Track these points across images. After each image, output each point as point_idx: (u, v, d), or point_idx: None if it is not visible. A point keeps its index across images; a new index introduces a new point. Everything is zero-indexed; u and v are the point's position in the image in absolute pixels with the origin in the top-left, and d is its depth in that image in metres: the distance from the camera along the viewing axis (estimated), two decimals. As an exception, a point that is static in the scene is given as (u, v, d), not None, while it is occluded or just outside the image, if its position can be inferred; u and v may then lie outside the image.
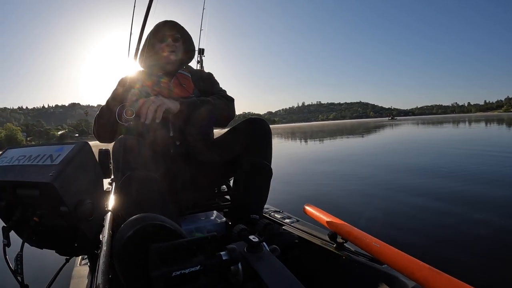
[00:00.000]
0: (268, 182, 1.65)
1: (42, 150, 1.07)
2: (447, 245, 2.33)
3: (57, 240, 1.11)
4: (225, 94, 1.83)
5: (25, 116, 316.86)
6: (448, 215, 3.01)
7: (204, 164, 1.73)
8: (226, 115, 1.76)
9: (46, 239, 1.11)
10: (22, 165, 1.02)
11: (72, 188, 0.99)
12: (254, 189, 1.60)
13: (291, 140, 20.34)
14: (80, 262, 1.47)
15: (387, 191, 4.17)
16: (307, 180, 5.51)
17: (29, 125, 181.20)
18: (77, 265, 1.45)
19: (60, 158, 1.01)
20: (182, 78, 1.82)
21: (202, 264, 0.76)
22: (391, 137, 17.38)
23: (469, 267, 2.00)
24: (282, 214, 1.87)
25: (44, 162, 1.01)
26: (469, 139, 12.47)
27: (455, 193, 3.82)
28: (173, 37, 1.83)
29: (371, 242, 1.13)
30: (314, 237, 1.48)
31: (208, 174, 1.76)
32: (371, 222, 2.96)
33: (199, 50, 3.86)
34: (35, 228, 1.00)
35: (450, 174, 4.98)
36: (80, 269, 1.41)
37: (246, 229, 0.94)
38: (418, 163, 6.44)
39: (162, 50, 1.81)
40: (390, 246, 1.07)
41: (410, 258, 0.97)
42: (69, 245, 1.13)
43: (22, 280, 0.98)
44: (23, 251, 0.99)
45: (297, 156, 9.98)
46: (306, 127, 79.56)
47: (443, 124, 32.83)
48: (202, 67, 3.80)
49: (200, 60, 3.83)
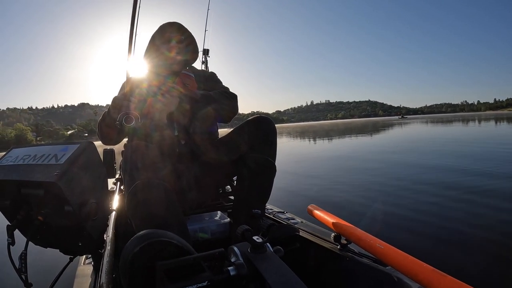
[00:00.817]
0: (271, 179, 1.64)
1: (47, 149, 1.07)
2: (458, 248, 2.32)
3: (61, 239, 1.12)
4: (227, 91, 1.85)
5: (34, 116, 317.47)
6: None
7: (209, 163, 1.73)
8: (229, 110, 1.78)
9: (50, 238, 1.11)
10: (27, 164, 1.03)
11: (77, 187, 1.00)
12: (257, 185, 1.60)
13: (306, 140, 19.97)
14: (84, 262, 1.47)
15: (402, 191, 4.16)
16: (322, 181, 5.47)
17: (38, 125, 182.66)
18: (81, 264, 1.46)
19: (64, 157, 1.01)
20: (186, 78, 1.83)
21: (209, 280, 0.76)
22: (406, 136, 17.02)
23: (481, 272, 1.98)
24: (286, 215, 1.87)
25: (48, 161, 1.01)
26: (485, 137, 12.47)
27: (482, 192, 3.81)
28: (178, 38, 1.85)
29: (375, 243, 1.12)
30: (318, 238, 1.47)
31: (213, 174, 1.76)
32: (382, 223, 2.95)
33: (203, 50, 3.88)
34: (39, 227, 1.00)
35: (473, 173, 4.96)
36: (84, 268, 1.42)
37: (250, 230, 0.94)
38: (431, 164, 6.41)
39: (168, 51, 1.82)
40: (394, 248, 1.07)
41: (415, 259, 0.97)
42: (73, 244, 1.13)
43: (26, 279, 0.99)
44: (27, 250, 1.00)
45: (317, 157, 9.81)
46: (317, 125, 78.81)
47: (453, 122, 32.38)
48: (207, 67, 3.81)
49: (205, 61, 3.84)
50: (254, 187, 1.59)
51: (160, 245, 0.78)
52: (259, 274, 0.79)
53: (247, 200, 1.55)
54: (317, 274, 1.44)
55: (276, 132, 1.67)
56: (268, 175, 1.63)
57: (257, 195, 1.59)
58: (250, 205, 1.53)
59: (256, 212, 1.51)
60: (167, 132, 1.69)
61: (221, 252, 0.81)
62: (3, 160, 1.08)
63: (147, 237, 0.78)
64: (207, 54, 3.88)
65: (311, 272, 1.45)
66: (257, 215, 1.50)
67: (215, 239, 1.61)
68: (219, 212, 1.80)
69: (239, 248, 0.89)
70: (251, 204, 1.53)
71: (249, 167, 1.61)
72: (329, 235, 1.42)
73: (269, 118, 1.69)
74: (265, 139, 1.62)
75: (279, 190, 4.42)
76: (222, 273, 0.80)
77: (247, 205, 1.53)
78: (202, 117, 1.66)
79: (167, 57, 1.83)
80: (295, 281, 0.78)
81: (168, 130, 1.69)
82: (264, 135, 1.62)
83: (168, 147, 1.68)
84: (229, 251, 0.91)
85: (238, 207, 1.60)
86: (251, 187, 1.59)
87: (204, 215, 1.75)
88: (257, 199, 1.57)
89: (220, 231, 1.63)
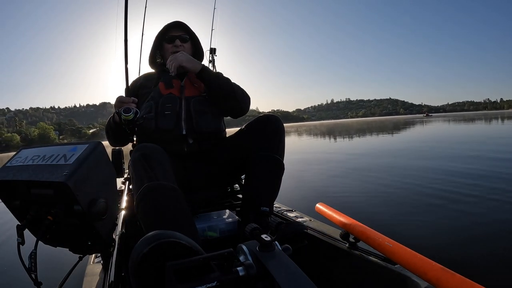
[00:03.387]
0: (279, 177, 1.64)
1: (56, 150, 1.08)
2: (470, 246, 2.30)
3: (70, 238, 1.12)
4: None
5: (57, 115, 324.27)
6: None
7: (217, 162, 1.73)
8: (246, 102, 1.80)
9: (60, 238, 1.12)
10: (36, 164, 1.03)
11: (86, 187, 1.00)
12: (265, 182, 1.59)
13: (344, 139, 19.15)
14: (93, 260, 1.49)
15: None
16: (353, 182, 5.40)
17: (61, 123, 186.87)
18: (90, 263, 1.47)
19: (73, 157, 1.02)
20: (194, 78, 1.84)
21: (218, 280, 0.76)
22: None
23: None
24: (295, 213, 1.87)
25: (58, 161, 1.02)
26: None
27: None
28: (180, 37, 1.86)
29: (384, 241, 1.12)
30: (326, 236, 1.47)
31: (221, 172, 1.76)
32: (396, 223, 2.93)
33: (210, 49, 3.89)
34: (49, 227, 1.01)
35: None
36: (93, 267, 1.43)
37: (258, 228, 0.94)
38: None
39: (172, 50, 1.84)
40: (403, 246, 1.06)
41: (423, 258, 0.96)
42: (82, 244, 1.14)
43: (36, 278, 1.00)
44: (37, 249, 1.00)
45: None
46: (343, 124, 75.85)
47: (486, 120, 31.06)
48: (214, 67, 3.82)
49: (212, 60, 3.85)
50: (263, 185, 1.59)
51: (169, 245, 0.78)
52: (268, 273, 0.79)
53: (255, 198, 1.55)
54: (325, 272, 1.44)
55: (284, 130, 1.67)
56: (277, 173, 1.62)
57: (266, 193, 1.59)
58: (258, 203, 1.53)
59: (265, 210, 1.51)
60: (174, 131, 1.69)
61: (230, 252, 0.81)
62: (13, 161, 1.09)
63: (156, 238, 0.78)
64: (214, 53, 3.90)
65: (319, 270, 1.45)
66: (266, 213, 1.50)
67: (223, 237, 1.61)
68: (228, 211, 1.80)
69: (248, 247, 0.89)
70: (259, 202, 1.53)
71: (257, 165, 1.60)
72: (337, 233, 1.42)
73: (277, 116, 1.69)
74: (273, 137, 1.62)
75: (287, 188, 4.41)
76: (231, 273, 0.80)
77: (256, 203, 1.53)
78: (217, 88, 1.73)
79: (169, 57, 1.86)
80: (304, 280, 0.78)
81: (176, 129, 1.70)
82: (272, 133, 1.62)
83: (176, 147, 1.69)
84: (237, 249, 0.91)
85: (246, 206, 1.60)
86: (259, 185, 1.58)
87: (212, 213, 1.76)
88: (266, 197, 1.57)
89: (229, 230, 1.63)
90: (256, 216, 1.48)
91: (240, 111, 1.82)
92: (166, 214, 1.23)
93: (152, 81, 1.85)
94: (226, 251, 0.80)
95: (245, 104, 1.80)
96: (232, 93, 1.72)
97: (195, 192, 1.72)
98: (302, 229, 1.08)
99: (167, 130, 1.69)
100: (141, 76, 1.99)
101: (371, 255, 1.23)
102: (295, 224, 1.05)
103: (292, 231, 0.96)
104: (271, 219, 1.54)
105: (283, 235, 0.94)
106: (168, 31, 1.89)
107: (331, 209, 1.55)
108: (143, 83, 1.86)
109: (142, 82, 1.86)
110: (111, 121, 1.74)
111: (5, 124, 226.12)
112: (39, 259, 1.00)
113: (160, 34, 1.91)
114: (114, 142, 1.86)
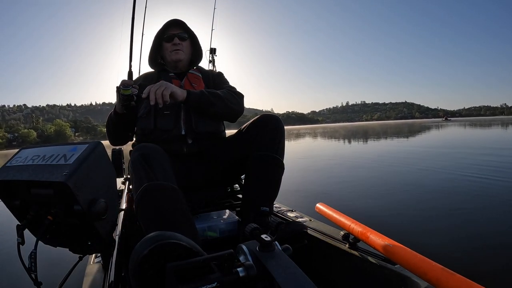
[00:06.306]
0: (279, 176, 1.63)
1: (56, 150, 1.08)
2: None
3: (70, 238, 1.12)
4: (234, 90, 1.85)
5: (73, 113, 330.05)
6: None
7: (217, 162, 1.73)
8: (235, 108, 1.76)
9: (59, 237, 1.12)
10: (36, 164, 1.03)
11: (86, 187, 1.00)
12: (264, 182, 1.59)
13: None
14: (93, 260, 1.48)
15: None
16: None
17: (77, 121, 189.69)
18: (90, 263, 1.47)
19: (73, 157, 1.02)
20: (193, 78, 1.84)
21: (218, 281, 0.76)
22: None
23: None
24: (295, 213, 1.87)
25: (58, 161, 1.02)
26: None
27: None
28: (179, 35, 1.86)
29: (384, 242, 1.12)
30: (326, 237, 1.47)
31: (220, 172, 1.76)
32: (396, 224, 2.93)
33: (210, 49, 3.90)
34: (49, 227, 1.01)
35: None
36: (93, 267, 1.43)
37: (258, 228, 0.93)
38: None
39: (170, 49, 1.84)
40: (403, 246, 1.06)
41: (423, 258, 0.96)
42: (82, 243, 1.14)
43: (35, 278, 1.00)
44: (37, 249, 1.00)
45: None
46: (363, 126, 74.39)
47: (494, 126, 29.97)
48: (214, 66, 3.83)
49: (212, 60, 3.87)
50: (262, 185, 1.59)
51: (169, 247, 0.78)
52: (268, 273, 0.79)
53: (255, 198, 1.55)
54: (325, 272, 1.43)
55: (283, 130, 1.67)
56: (276, 173, 1.62)
57: (265, 193, 1.58)
58: (258, 203, 1.53)
59: (265, 210, 1.51)
60: (173, 131, 1.69)
61: (231, 253, 0.81)
62: (13, 161, 1.09)
63: (156, 239, 0.78)
64: (214, 53, 3.91)
65: (319, 270, 1.45)
66: (266, 213, 1.50)
67: (223, 237, 1.61)
68: (228, 211, 1.80)
69: (248, 247, 0.89)
70: (259, 202, 1.53)
71: (257, 165, 1.60)
72: (338, 233, 1.42)
73: (277, 116, 1.69)
74: (273, 137, 1.62)
75: (289, 188, 4.41)
76: (231, 274, 0.79)
77: (256, 203, 1.53)
78: (207, 108, 1.67)
79: (168, 56, 1.86)
80: (304, 280, 0.78)
81: (175, 129, 1.70)
82: (272, 133, 1.62)
83: (175, 147, 1.69)
84: (238, 249, 0.91)
85: (246, 206, 1.60)
86: (259, 185, 1.58)
87: (212, 213, 1.76)
88: (265, 197, 1.57)
89: (229, 230, 1.63)
90: (256, 216, 1.48)
91: (233, 118, 1.81)
92: (166, 215, 1.23)
93: (152, 81, 1.85)
94: (227, 252, 0.80)
95: (235, 112, 1.77)
96: (212, 107, 1.68)
97: (195, 192, 1.72)
98: (302, 229, 1.08)
99: (166, 130, 1.69)
100: (140, 76, 1.99)
101: (371, 255, 1.23)
102: (295, 224, 1.05)
103: (292, 231, 0.96)
104: (271, 219, 1.54)
105: (283, 235, 0.94)
106: (167, 30, 1.89)
107: (331, 209, 1.55)
108: (143, 84, 1.86)
109: (141, 83, 1.86)
110: (111, 113, 1.76)
111: (22, 121, 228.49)
112: (39, 259, 1.00)
113: (159, 33, 1.90)
114: (114, 137, 1.88)
